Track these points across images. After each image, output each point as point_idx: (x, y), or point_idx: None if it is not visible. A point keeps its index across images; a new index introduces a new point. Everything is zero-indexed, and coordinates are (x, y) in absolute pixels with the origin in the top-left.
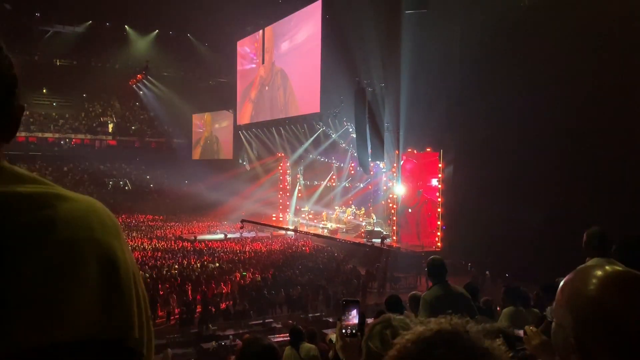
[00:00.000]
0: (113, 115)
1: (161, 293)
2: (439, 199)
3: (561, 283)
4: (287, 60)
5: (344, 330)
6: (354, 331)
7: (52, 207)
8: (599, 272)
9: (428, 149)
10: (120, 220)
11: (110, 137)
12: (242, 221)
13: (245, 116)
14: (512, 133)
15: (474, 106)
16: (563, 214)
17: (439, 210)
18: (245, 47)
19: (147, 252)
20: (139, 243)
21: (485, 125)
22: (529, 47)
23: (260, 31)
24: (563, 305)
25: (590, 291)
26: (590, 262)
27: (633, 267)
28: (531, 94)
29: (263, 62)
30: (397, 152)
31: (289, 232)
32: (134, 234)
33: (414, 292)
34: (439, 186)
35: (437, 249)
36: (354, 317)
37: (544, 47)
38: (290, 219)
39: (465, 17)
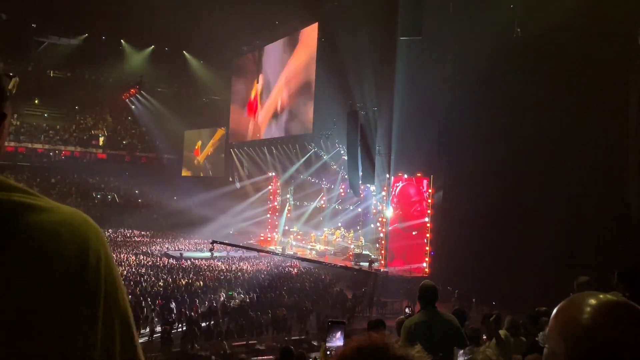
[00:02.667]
0: (104, 129)
1: (143, 310)
2: (428, 224)
3: (555, 310)
4: (282, 80)
5: (328, 352)
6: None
7: (15, 218)
8: (594, 301)
9: (418, 174)
10: (107, 235)
11: (100, 150)
12: (213, 242)
13: (237, 134)
14: (503, 160)
15: (466, 133)
16: (551, 243)
17: (428, 235)
18: (241, 66)
19: (132, 268)
20: (125, 258)
21: (476, 151)
22: (521, 76)
23: (256, 51)
24: (557, 333)
25: (585, 320)
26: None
27: (637, 295)
28: (523, 122)
29: (257, 82)
30: (387, 175)
31: (275, 252)
32: (120, 249)
33: (401, 317)
34: (429, 211)
35: (424, 274)
36: (338, 338)
37: (536, 76)
38: (278, 239)
39: (458, 45)
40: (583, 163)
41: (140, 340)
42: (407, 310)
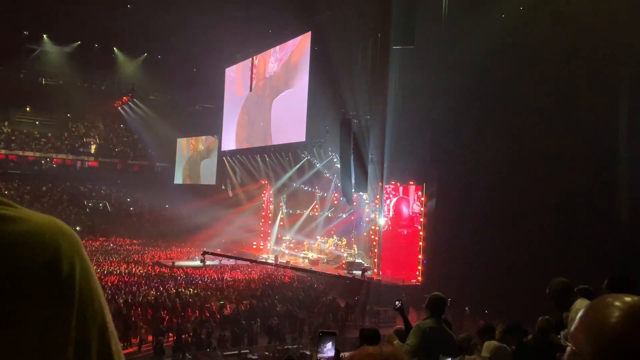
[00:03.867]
0: (96, 136)
1: (133, 319)
2: (421, 233)
3: (582, 310)
4: (274, 88)
5: None
6: None
7: None
8: (624, 303)
9: (411, 182)
10: (98, 243)
11: (92, 158)
12: (204, 253)
13: (230, 142)
14: (495, 169)
15: (458, 141)
16: (544, 252)
17: (420, 243)
18: (233, 74)
19: (124, 277)
20: (116, 267)
21: (468, 160)
22: (514, 85)
23: (249, 59)
24: (584, 333)
25: (613, 322)
26: (578, 302)
27: None
28: (515, 130)
29: (250, 90)
30: (380, 184)
31: (268, 261)
32: (111, 257)
33: (399, 326)
34: (421, 220)
35: (417, 283)
36: (329, 349)
37: (530, 84)
38: (271, 248)
39: (451, 54)
40: (575, 171)
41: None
42: (397, 303)
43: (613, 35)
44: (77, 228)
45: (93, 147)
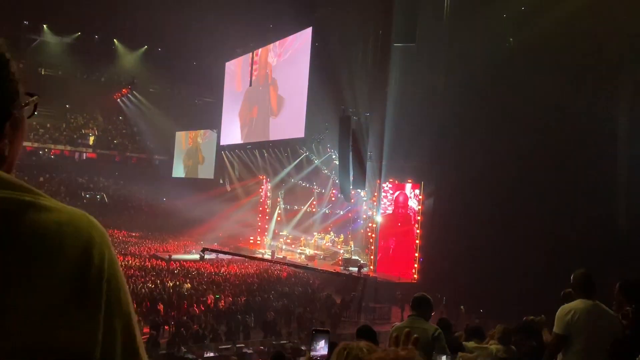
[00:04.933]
0: (95, 128)
1: None
2: (418, 231)
3: None
4: (274, 83)
5: None
6: None
7: (19, 217)
8: None
9: (409, 180)
10: None
11: (90, 150)
12: (204, 250)
13: (229, 137)
14: (493, 169)
15: (457, 140)
16: (539, 252)
17: (417, 242)
18: (234, 68)
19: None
20: None
21: (467, 159)
22: (513, 84)
23: (250, 53)
24: None
25: None
26: (575, 301)
27: (637, 307)
28: (514, 130)
29: (250, 84)
30: (378, 181)
31: (265, 256)
32: None
33: (396, 323)
34: (419, 218)
35: (413, 281)
36: (322, 347)
37: (529, 84)
38: (268, 243)
39: (451, 53)
40: (573, 172)
41: None
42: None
43: (615, 37)
44: None
45: (91, 138)
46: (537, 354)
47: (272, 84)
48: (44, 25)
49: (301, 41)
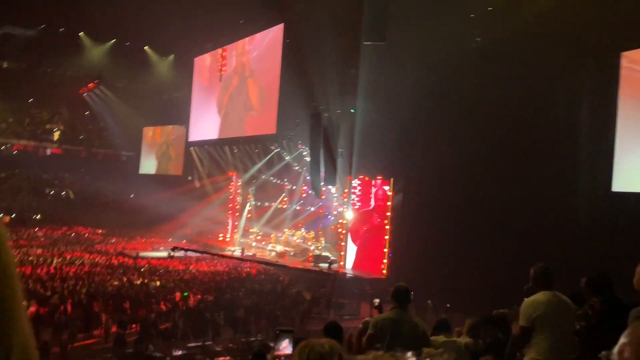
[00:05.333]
0: (60, 123)
1: (96, 310)
2: (387, 227)
3: (631, 327)
4: (245, 80)
5: None
6: None
7: None
8: None
9: (379, 177)
10: (60, 232)
11: (55, 146)
12: (174, 249)
13: (197, 133)
14: (462, 165)
15: (426, 137)
16: (507, 247)
17: (386, 237)
18: (203, 64)
19: (86, 267)
20: (78, 257)
21: (435, 156)
22: (480, 82)
23: (220, 49)
24: (630, 351)
25: None
26: (537, 294)
27: (607, 299)
28: (482, 127)
29: (220, 80)
30: (349, 177)
31: (235, 253)
32: (73, 247)
33: (367, 318)
34: (388, 214)
35: (382, 277)
36: (286, 347)
37: (495, 82)
38: (237, 240)
39: (421, 51)
40: (538, 167)
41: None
42: (375, 301)
43: (580, 36)
44: (38, 217)
45: (56, 133)
46: (503, 344)
47: (242, 80)
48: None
49: (273, 37)
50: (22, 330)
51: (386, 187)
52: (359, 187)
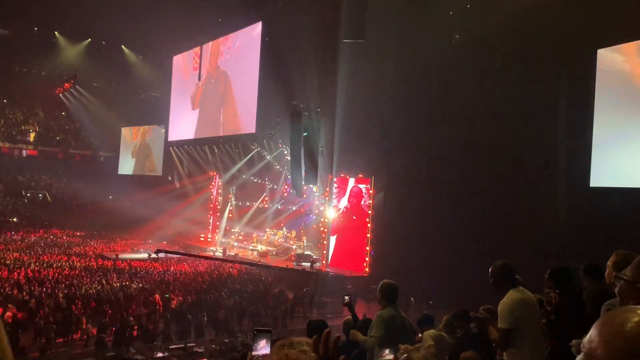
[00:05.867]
0: (35, 124)
1: (76, 313)
2: (369, 225)
3: (600, 320)
4: (224, 78)
5: None
6: None
7: None
8: (635, 317)
9: (360, 175)
10: (37, 235)
11: (31, 147)
12: (158, 251)
13: (177, 132)
14: (443, 162)
15: (407, 135)
16: (487, 243)
17: (368, 235)
18: (181, 63)
19: (64, 270)
20: (56, 260)
21: (416, 154)
22: (459, 79)
23: (198, 47)
24: (600, 340)
25: (628, 330)
26: (509, 294)
27: (565, 292)
28: (461, 125)
29: (199, 79)
30: (330, 176)
31: (216, 253)
32: (51, 250)
33: (348, 317)
34: (369, 212)
35: (364, 274)
36: (263, 347)
37: (473, 79)
38: (219, 240)
39: (400, 49)
40: (520, 165)
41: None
42: (345, 298)
43: (557, 33)
44: (15, 219)
45: (32, 135)
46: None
47: (221, 79)
48: None
49: (251, 36)
50: None
51: (362, 186)
52: (341, 186)
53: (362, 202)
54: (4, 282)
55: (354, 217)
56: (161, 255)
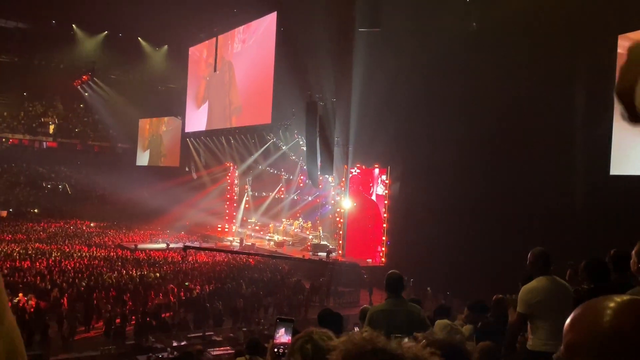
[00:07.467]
0: (55, 116)
1: (95, 303)
2: (385, 215)
3: (574, 313)
4: (240, 69)
5: (275, 349)
6: (285, 350)
7: None
8: (611, 303)
9: (376, 165)
10: (58, 226)
11: (50, 139)
12: (185, 248)
13: (193, 124)
14: (459, 152)
15: (422, 125)
16: (503, 234)
17: (384, 225)
18: (198, 54)
19: (84, 260)
20: (77, 250)
21: (432, 143)
22: (477, 68)
23: (214, 38)
24: (577, 343)
25: (606, 322)
26: (535, 280)
27: (599, 284)
28: (479, 115)
29: (215, 70)
30: (345, 166)
31: (234, 243)
32: (72, 240)
33: (365, 306)
34: (385, 202)
35: (381, 264)
36: (284, 335)
37: (492, 68)
38: (236, 230)
39: (416, 37)
40: (538, 154)
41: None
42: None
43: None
44: (35, 210)
45: (51, 127)
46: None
47: (237, 70)
48: None
49: (266, 26)
50: (6, 319)
51: (383, 177)
52: (358, 176)
53: (375, 193)
54: (27, 271)
55: (369, 208)
56: (174, 245)
